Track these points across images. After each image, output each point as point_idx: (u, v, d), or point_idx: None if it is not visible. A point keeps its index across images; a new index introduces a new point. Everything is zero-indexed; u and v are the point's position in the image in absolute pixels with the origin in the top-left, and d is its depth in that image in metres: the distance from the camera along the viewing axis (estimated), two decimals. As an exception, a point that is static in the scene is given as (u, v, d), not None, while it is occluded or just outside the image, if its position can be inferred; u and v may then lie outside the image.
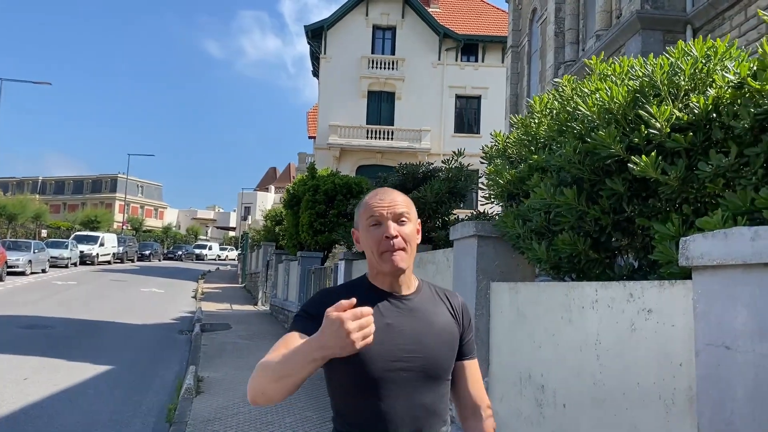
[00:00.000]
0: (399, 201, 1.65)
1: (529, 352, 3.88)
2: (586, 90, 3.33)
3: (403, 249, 1.60)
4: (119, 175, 71.85)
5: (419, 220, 1.72)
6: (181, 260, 53.98)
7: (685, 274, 2.29)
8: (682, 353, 2.28)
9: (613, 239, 3.33)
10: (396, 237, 1.59)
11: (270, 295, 19.65)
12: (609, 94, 2.94)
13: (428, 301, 1.70)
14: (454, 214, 7.35)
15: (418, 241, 1.68)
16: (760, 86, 2.32)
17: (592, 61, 3.53)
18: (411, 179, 7.46)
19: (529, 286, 3.98)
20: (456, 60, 29.58)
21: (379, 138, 28.22)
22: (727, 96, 2.57)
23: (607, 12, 11.78)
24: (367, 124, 28.56)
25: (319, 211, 13.63)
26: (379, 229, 1.61)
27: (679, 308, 2.32)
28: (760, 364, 1.70)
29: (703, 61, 2.81)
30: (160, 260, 50.52)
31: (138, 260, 45.64)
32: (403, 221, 1.63)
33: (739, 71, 2.56)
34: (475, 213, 6.05)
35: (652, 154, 2.63)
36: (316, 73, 31.63)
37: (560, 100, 3.93)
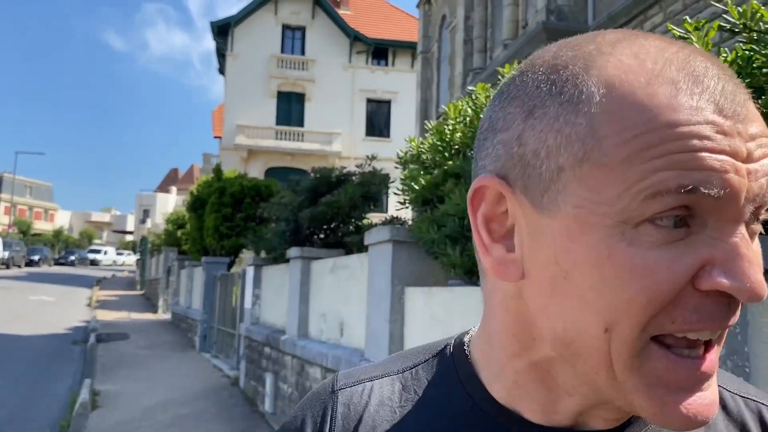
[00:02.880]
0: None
1: (444, 356, 3.90)
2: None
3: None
4: (5, 174, 66.43)
5: None
6: (74, 266, 50.74)
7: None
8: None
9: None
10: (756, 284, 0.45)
11: (171, 302, 18.83)
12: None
13: None
14: (368, 219, 7.33)
15: None
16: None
17: (504, 69, 3.61)
18: (325, 183, 7.36)
19: (443, 291, 4.00)
20: (367, 63, 29.72)
21: (290, 140, 27.82)
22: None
23: (514, 22, 12.23)
24: (276, 125, 28.08)
25: (226, 214, 13.21)
26: (686, 242, 0.45)
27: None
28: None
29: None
30: (50, 266, 47.23)
31: (26, 266, 42.44)
32: None
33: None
34: (389, 218, 6.05)
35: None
36: (222, 71, 30.74)
37: (473, 108, 3.99)
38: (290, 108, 28.69)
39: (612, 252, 0.45)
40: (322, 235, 7.42)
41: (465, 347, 0.61)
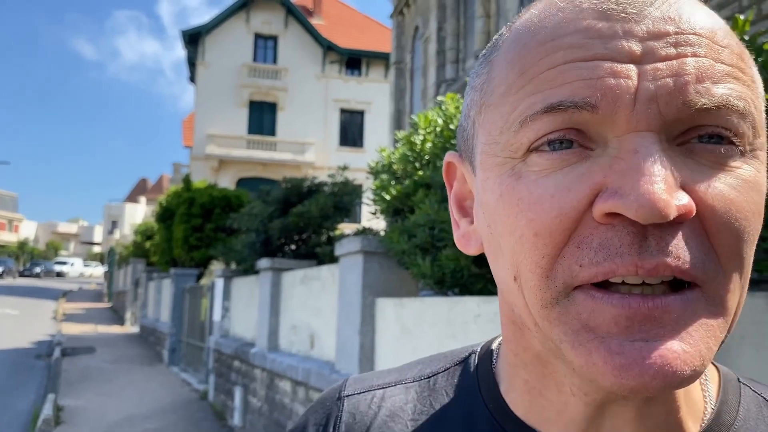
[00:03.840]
0: (702, 29, 0.40)
1: (415, 368, 3.87)
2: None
3: (694, 281, 0.38)
4: (-34, 184, 64.67)
5: None
6: (40, 278, 49.50)
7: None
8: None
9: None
10: (680, 217, 0.37)
11: (139, 315, 18.47)
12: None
13: None
14: (340, 229, 7.29)
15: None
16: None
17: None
18: (296, 193, 7.30)
19: (414, 301, 3.98)
20: (340, 73, 29.74)
21: (262, 149, 27.63)
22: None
23: (485, 33, 12.37)
24: (248, 134, 27.87)
25: (195, 225, 13.02)
26: (583, 165, 0.40)
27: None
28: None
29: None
30: (15, 278, 46.00)
31: (-12, 278, 41.22)
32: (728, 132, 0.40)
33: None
34: (360, 228, 6.02)
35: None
36: (193, 80, 30.45)
37: (444, 118, 4.00)
38: (262, 117, 28.51)
39: (503, 189, 0.42)
40: (293, 246, 7.35)
41: (493, 356, 0.54)
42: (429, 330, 3.71)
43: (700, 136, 0.39)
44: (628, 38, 0.39)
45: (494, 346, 0.56)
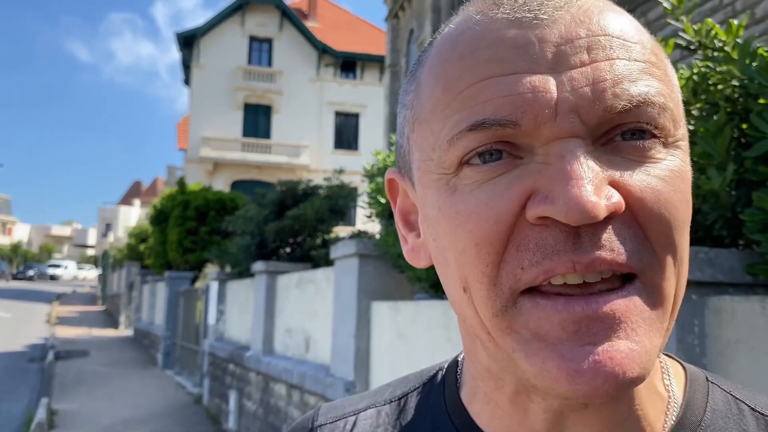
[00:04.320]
0: (613, 29, 0.41)
1: (410, 370, 3.86)
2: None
3: (634, 275, 0.39)
4: (-41, 187, 64.33)
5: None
6: (33, 281, 49.24)
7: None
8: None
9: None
10: (609, 213, 0.37)
11: (134, 318, 18.40)
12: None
13: None
14: (335, 232, 7.28)
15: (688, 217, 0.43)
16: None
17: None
18: (291, 196, 7.29)
19: (410, 305, 3.98)
20: (335, 76, 29.74)
21: (256, 152, 27.59)
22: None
23: (477, 38, 12.39)
24: (243, 137, 27.83)
25: (190, 228, 12.99)
26: (510, 175, 0.40)
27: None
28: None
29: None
30: (8, 281, 45.77)
31: (-20, 281, 40.98)
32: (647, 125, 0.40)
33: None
34: (356, 231, 6.02)
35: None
36: (188, 82, 30.40)
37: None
38: (257, 120, 28.48)
39: (441, 204, 0.43)
40: (288, 249, 7.34)
41: (458, 368, 0.55)
42: (424, 333, 3.71)
43: (623, 132, 0.39)
44: (542, 45, 0.39)
45: (460, 358, 0.56)
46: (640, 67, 0.40)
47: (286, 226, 6.86)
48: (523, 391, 0.44)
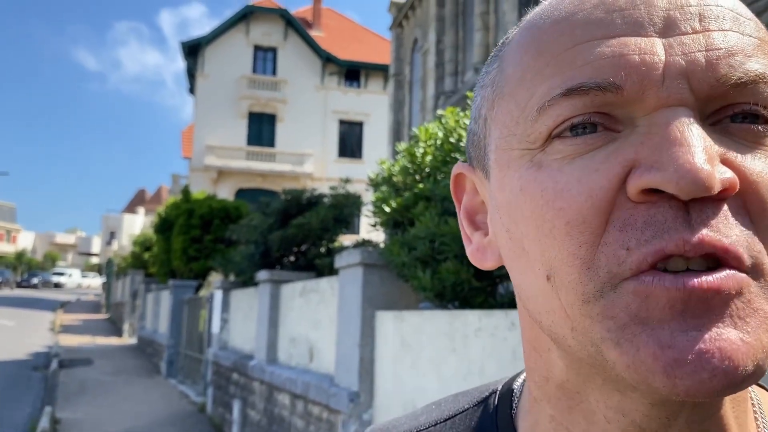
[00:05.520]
0: (725, 1, 0.39)
1: (414, 381, 3.85)
2: (467, 122, 3.41)
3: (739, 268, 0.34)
4: (-36, 194, 64.58)
5: None
6: (37, 289, 49.33)
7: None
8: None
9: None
10: (723, 192, 0.34)
11: (137, 326, 18.40)
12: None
13: None
14: (339, 241, 7.28)
15: None
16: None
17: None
18: (295, 205, 7.30)
19: (414, 315, 3.97)
20: (339, 85, 29.84)
21: (261, 160, 27.66)
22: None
23: (484, 46, 12.43)
24: (247, 145, 27.91)
25: (194, 236, 13.01)
26: (608, 148, 0.37)
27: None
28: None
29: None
30: (12, 288, 45.85)
31: (-15, 289, 41.08)
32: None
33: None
34: (361, 240, 6.02)
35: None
36: (193, 91, 30.54)
37: (444, 131, 4.00)
38: (261, 128, 28.56)
39: (523, 183, 0.38)
40: (292, 258, 7.34)
41: (514, 395, 0.49)
42: (429, 343, 3.69)
43: (734, 115, 0.36)
44: (649, 9, 0.36)
45: (516, 384, 0.51)
46: (754, 44, 0.36)
47: (291, 234, 6.87)
48: (602, 408, 0.38)
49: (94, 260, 73.22)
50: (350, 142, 29.83)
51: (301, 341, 6.02)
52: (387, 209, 4.27)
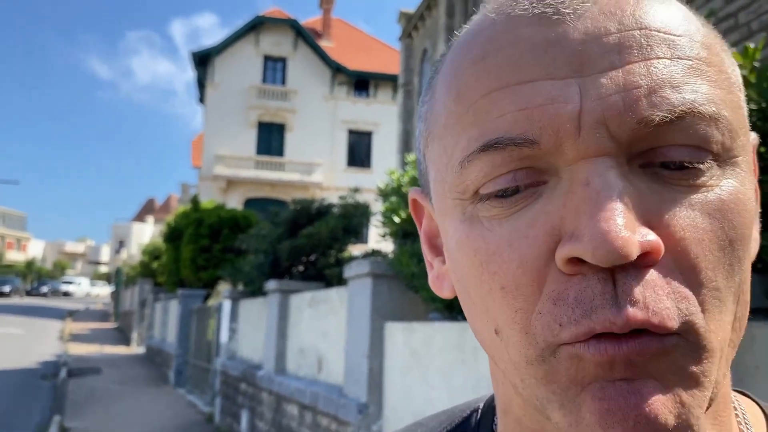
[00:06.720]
0: (652, 20, 0.35)
1: (423, 393, 3.83)
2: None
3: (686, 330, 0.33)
4: (-24, 203, 65.16)
5: None
6: (47, 297, 49.59)
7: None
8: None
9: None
10: (645, 257, 0.33)
11: (146, 336, 18.43)
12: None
13: None
14: (348, 251, 7.28)
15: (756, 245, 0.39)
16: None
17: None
18: (305, 215, 7.31)
19: (424, 326, 3.95)
20: (348, 95, 29.97)
21: (270, 170, 27.77)
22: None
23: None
24: (256, 155, 28.04)
25: (203, 245, 13.05)
26: (534, 207, 0.36)
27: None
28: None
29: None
30: (22, 297, 46.09)
31: (-5, 297, 41.34)
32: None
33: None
34: (370, 251, 6.02)
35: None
36: (203, 100, 30.77)
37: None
38: (270, 138, 28.70)
39: (459, 238, 0.37)
40: (301, 268, 7.34)
41: (496, 412, 0.47)
42: (438, 355, 3.68)
43: (664, 163, 0.33)
44: (564, 45, 0.34)
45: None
46: (686, 67, 0.33)
47: (300, 244, 6.88)
48: None
49: (103, 269, 73.58)
50: (359, 152, 29.90)
51: (310, 351, 6.01)
52: (396, 219, 4.27)
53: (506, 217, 0.35)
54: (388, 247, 6.66)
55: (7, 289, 44.15)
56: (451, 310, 3.77)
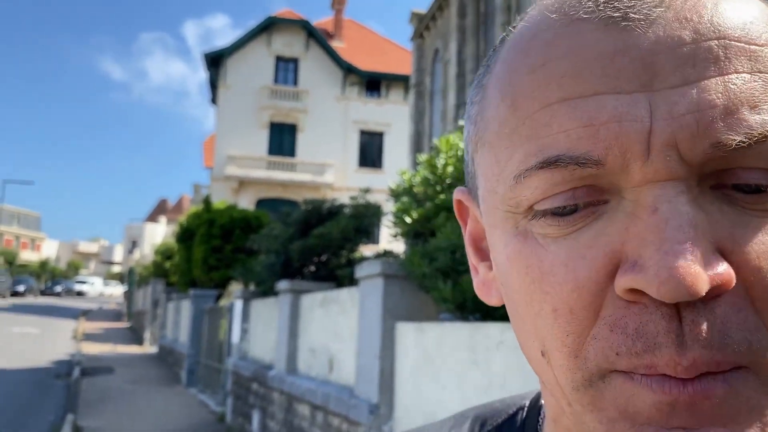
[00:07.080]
0: (732, 27, 0.32)
1: (435, 394, 3.80)
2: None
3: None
4: (-8, 203, 66.06)
5: None
6: (60, 297, 50.09)
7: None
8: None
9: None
10: (716, 290, 0.30)
11: (158, 335, 18.55)
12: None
13: None
14: (360, 252, 7.27)
15: None
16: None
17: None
18: (316, 215, 7.31)
19: (435, 327, 3.93)
20: (359, 95, 29.99)
21: (281, 170, 27.85)
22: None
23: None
24: (268, 155, 28.13)
25: (215, 246, 13.10)
26: (594, 228, 0.34)
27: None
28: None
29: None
30: (36, 296, 46.59)
31: (11, 296, 41.83)
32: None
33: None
34: (381, 251, 6.00)
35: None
36: (215, 101, 30.92)
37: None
38: (282, 139, 28.78)
39: (509, 253, 0.35)
40: (312, 268, 7.34)
41: (541, 414, 0.46)
42: (450, 356, 3.65)
43: (737, 185, 0.31)
44: (632, 55, 0.31)
45: (543, 401, 0.49)
46: (767, 83, 0.30)
47: (311, 245, 6.87)
48: None
49: (116, 269, 74.22)
50: (371, 152, 29.91)
51: (321, 352, 6.00)
52: (408, 220, 4.25)
53: (563, 236, 0.33)
54: (399, 247, 6.64)
55: (22, 288, 44.66)
56: (463, 310, 3.75)
